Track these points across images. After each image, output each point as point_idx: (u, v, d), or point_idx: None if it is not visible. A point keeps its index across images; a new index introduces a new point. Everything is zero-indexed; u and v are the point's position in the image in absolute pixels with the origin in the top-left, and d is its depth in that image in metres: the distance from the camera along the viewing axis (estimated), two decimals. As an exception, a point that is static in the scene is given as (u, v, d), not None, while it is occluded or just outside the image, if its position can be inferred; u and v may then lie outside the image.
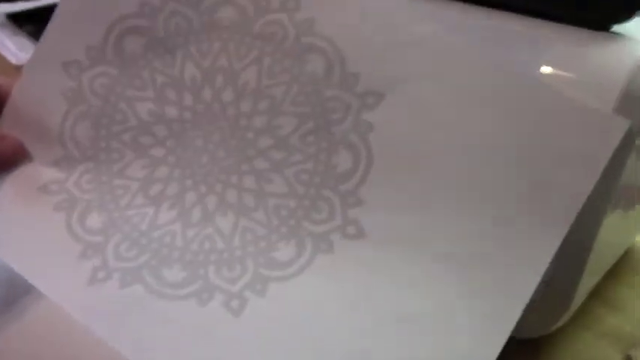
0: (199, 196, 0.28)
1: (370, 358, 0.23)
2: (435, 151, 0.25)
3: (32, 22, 0.69)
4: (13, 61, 0.64)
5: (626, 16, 0.30)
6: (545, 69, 0.30)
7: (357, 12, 0.26)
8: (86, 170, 0.30)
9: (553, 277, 0.29)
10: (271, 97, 0.27)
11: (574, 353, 0.33)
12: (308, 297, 0.25)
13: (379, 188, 0.25)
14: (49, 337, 0.30)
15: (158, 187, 0.29)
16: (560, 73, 0.29)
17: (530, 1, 0.32)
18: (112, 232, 0.28)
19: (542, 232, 0.24)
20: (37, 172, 0.30)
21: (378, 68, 0.26)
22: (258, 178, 0.27)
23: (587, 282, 0.33)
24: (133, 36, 0.30)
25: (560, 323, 0.32)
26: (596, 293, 0.36)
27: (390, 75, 0.25)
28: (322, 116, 0.26)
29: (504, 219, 0.24)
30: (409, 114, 0.25)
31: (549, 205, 0.24)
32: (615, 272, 0.38)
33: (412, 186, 0.25)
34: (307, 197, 0.26)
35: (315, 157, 0.26)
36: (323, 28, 0.27)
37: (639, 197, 0.35)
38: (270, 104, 0.27)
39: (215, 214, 0.27)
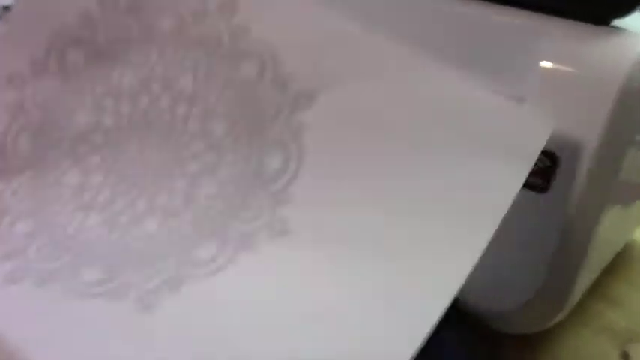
0: (130, 200, 0.28)
1: (288, 357, 0.23)
2: (366, 151, 0.25)
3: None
4: (12, 53, 0.64)
5: (626, 10, 0.30)
6: (545, 63, 0.30)
7: (292, 14, 0.27)
8: (24, 180, 0.30)
9: (551, 274, 0.29)
10: (205, 101, 0.27)
11: (571, 349, 0.33)
12: (227, 295, 0.24)
13: (309, 188, 0.25)
14: None
15: (91, 193, 0.29)
16: (559, 67, 0.29)
17: (530, -5, 0.32)
18: (38, 236, 0.28)
19: (468, 232, 0.23)
20: None
21: (311, 69, 0.26)
22: (190, 181, 0.27)
23: (586, 278, 0.33)
24: (74, 47, 0.30)
25: (557, 319, 0.32)
26: (595, 289, 0.36)
27: (323, 76, 0.26)
28: (255, 118, 0.26)
29: (432, 220, 0.24)
30: (342, 114, 0.25)
31: (477, 204, 0.24)
32: (614, 268, 0.38)
33: (342, 186, 0.25)
34: (236, 197, 0.26)
35: (247, 159, 0.26)
36: (258, 31, 0.27)
37: (638, 193, 0.35)
38: (204, 109, 0.27)
39: (144, 216, 0.27)
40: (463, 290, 0.32)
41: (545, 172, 0.29)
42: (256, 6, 0.27)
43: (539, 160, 0.29)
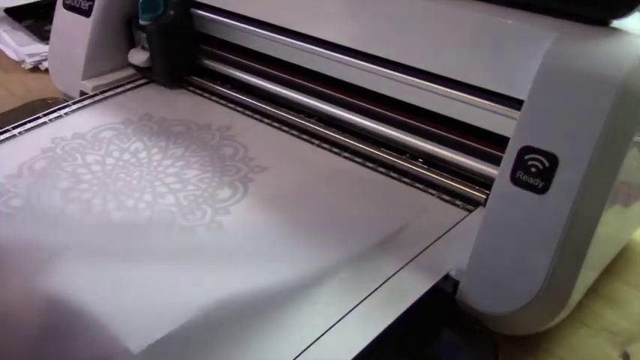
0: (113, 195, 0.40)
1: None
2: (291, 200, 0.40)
3: (32, 17, 0.69)
4: (13, 56, 0.64)
5: (625, 11, 0.30)
6: (545, 63, 0.30)
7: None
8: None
9: (551, 275, 0.29)
10: (188, 160, 0.43)
11: (572, 349, 0.33)
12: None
13: (243, 211, 0.39)
14: None
15: (75, 193, 0.40)
16: (560, 67, 0.30)
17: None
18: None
19: None
20: None
21: (268, 154, 0.44)
22: (155, 197, 0.40)
23: (586, 278, 0.33)
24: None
25: (558, 319, 0.32)
26: (595, 290, 0.36)
27: (274, 158, 0.43)
28: (220, 172, 0.42)
29: None
30: (278, 180, 0.41)
31: None
32: (613, 269, 0.38)
33: (266, 216, 0.38)
34: (187, 205, 0.39)
35: (204, 189, 0.40)
36: (240, 137, 0.46)
37: (637, 193, 0.35)
38: (185, 164, 0.43)
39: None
40: (463, 292, 0.32)
41: (545, 172, 0.29)
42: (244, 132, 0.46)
43: (538, 160, 0.30)
